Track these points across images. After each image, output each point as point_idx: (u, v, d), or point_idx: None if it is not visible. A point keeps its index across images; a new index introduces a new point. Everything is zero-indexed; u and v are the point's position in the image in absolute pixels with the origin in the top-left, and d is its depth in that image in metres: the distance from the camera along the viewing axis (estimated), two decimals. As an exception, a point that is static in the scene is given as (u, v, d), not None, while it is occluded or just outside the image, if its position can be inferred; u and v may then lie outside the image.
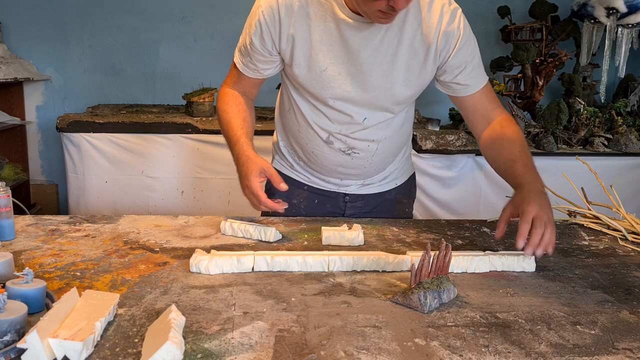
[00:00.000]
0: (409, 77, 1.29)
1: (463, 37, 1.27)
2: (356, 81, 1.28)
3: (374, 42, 1.24)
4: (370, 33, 1.23)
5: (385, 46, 1.25)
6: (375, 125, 1.36)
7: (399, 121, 1.41)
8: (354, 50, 1.25)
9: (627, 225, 1.38)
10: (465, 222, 1.45)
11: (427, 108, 3.85)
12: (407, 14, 1.24)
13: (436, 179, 3.08)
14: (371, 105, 1.32)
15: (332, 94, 1.30)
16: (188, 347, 0.77)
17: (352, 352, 0.77)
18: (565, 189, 1.55)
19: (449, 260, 0.97)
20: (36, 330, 0.69)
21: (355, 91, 1.30)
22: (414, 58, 1.27)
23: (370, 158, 1.42)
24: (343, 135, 1.37)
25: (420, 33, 1.25)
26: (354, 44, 1.24)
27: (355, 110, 1.33)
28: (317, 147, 1.42)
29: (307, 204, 1.53)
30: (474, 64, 1.32)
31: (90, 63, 3.68)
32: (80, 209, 2.99)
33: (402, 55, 1.26)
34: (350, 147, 1.39)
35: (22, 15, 3.56)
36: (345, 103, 1.32)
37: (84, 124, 2.92)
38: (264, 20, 1.27)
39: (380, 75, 1.27)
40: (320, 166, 1.47)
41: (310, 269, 1.07)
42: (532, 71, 3.41)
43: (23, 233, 1.25)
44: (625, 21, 3.04)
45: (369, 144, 1.39)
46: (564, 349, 0.81)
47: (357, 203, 1.53)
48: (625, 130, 3.19)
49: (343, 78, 1.28)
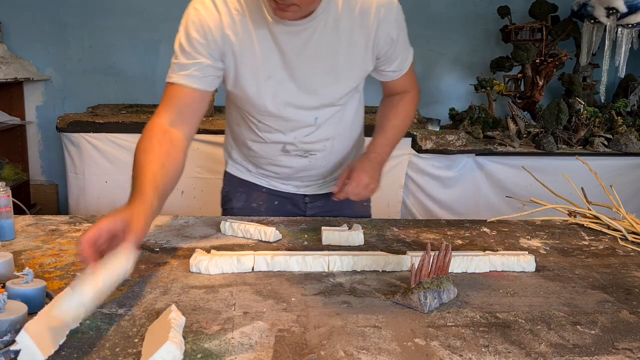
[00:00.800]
0: (351, 70, 1.28)
1: (399, 24, 1.31)
2: (301, 84, 1.26)
3: (311, 43, 1.22)
4: (307, 36, 1.21)
5: (324, 45, 1.23)
6: (326, 122, 1.35)
7: (350, 114, 1.40)
8: (293, 54, 1.22)
9: (627, 225, 1.38)
10: (465, 222, 1.45)
11: (427, 108, 3.85)
12: (343, 8, 1.22)
13: (436, 179, 3.08)
14: (319, 105, 1.31)
15: (280, 102, 1.28)
16: (188, 347, 0.77)
17: (352, 352, 0.77)
18: (565, 189, 1.55)
19: (449, 260, 0.97)
20: (24, 329, 0.69)
21: (301, 94, 1.28)
22: (354, 51, 1.26)
23: (327, 157, 1.42)
24: (298, 141, 1.36)
25: (358, 25, 1.23)
26: (292, 47, 1.22)
27: (304, 114, 1.31)
28: (273, 159, 1.41)
29: (267, 206, 1.51)
30: (404, 52, 1.37)
31: (90, 63, 3.68)
32: (80, 209, 2.99)
33: (342, 50, 1.24)
34: (307, 151, 1.39)
35: (22, 15, 3.56)
36: (295, 109, 1.30)
37: (84, 124, 2.92)
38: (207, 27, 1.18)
39: (323, 74, 1.26)
40: (279, 174, 1.47)
41: (310, 269, 1.07)
42: (532, 71, 3.41)
43: (23, 233, 1.25)
44: (625, 21, 3.05)
45: (324, 143, 1.39)
46: (564, 349, 0.81)
47: (317, 203, 1.52)
48: (625, 130, 3.19)
49: (287, 84, 1.26)
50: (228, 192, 1.56)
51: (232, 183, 1.55)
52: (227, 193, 1.56)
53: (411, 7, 3.75)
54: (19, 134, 3.63)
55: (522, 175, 2.84)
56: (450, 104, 3.75)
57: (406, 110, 1.45)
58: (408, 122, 1.47)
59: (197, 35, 1.19)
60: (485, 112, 3.37)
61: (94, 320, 0.84)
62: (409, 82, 1.45)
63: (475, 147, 3.05)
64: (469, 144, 3.06)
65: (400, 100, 1.45)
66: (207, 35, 1.19)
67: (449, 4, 3.82)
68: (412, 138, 3.00)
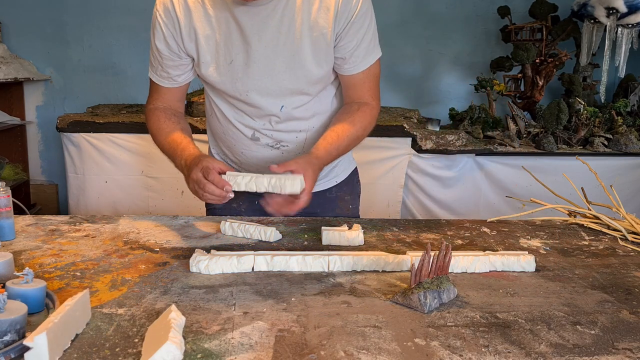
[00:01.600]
0: (317, 54, 1.25)
1: (359, 13, 1.24)
2: (264, 67, 1.25)
3: (272, 24, 1.21)
4: (266, 15, 1.20)
5: (286, 26, 1.22)
6: (296, 112, 1.33)
7: (324, 108, 1.38)
8: (254, 36, 1.22)
9: (627, 225, 1.38)
10: (465, 222, 1.45)
11: (427, 108, 3.85)
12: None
13: (436, 179, 3.08)
14: (285, 90, 1.29)
15: (244, 86, 1.28)
16: (188, 347, 0.77)
17: (352, 352, 0.77)
18: (565, 189, 1.55)
19: (449, 260, 0.97)
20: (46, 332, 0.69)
21: (265, 78, 1.27)
22: (318, 33, 1.23)
23: (301, 150, 1.39)
24: (267, 129, 1.35)
25: (322, 6, 1.22)
26: (253, 29, 1.21)
27: (270, 101, 1.30)
28: (244, 147, 1.40)
29: (247, 206, 1.50)
30: (362, 44, 1.28)
31: (90, 63, 3.68)
32: (80, 209, 2.99)
33: (306, 32, 1.22)
34: (278, 141, 1.37)
35: (22, 15, 3.56)
36: (259, 95, 1.29)
37: (84, 124, 2.92)
38: (163, 22, 1.26)
39: (287, 56, 1.25)
40: (253, 166, 1.43)
41: (310, 269, 1.07)
42: (532, 71, 3.41)
43: (23, 233, 1.25)
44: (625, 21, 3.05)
45: (297, 134, 1.37)
46: (564, 349, 0.81)
47: None
48: (625, 130, 3.19)
49: (251, 67, 1.25)
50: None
51: None
52: None
53: (411, 7, 3.79)
54: (19, 134, 3.63)
55: (522, 175, 2.84)
56: (450, 104, 3.76)
57: (363, 121, 1.33)
58: (362, 135, 1.34)
59: (159, 32, 1.27)
60: (486, 112, 3.37)
61: (94, 320, 0.84)
62: (370, 90, 1.36)
63: (475, 147, 3.05)
64: (469, 144, 3.06)
65: (358, 110, 1.34)
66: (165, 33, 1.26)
67: (449, 4, 3.82)
68: (412, 138, 3.00)
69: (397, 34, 3.73)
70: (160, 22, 1.26)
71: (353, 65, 1.31)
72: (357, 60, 1.30)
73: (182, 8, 1.24)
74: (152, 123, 1.36)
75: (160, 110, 1.37)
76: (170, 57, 1.30)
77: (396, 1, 3.74)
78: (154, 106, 1.38)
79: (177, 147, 1.28)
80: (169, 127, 1.33)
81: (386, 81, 3.76)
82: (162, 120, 1.35)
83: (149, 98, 1.41)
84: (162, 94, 1.38)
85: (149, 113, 1.38)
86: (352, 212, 1.57)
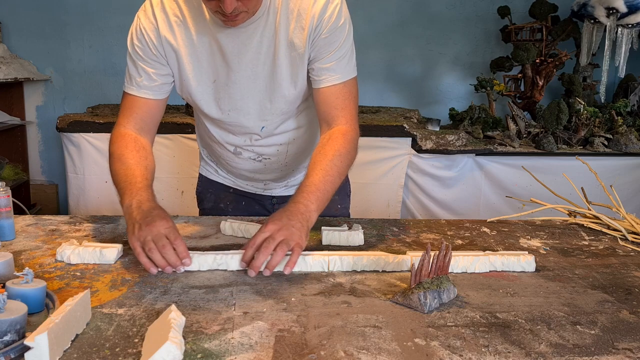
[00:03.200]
0: (294, 74, 1.25)
1: (331, 26, 1.20)
2: (245, 88, 1.26)
3: (252, 45, 1.21)
4: (247, 37, 1.20)
5: (265, 47, 1.22)
6: (276, 130, 1.34)
7: (304, 120, 1.38)
8: (234, 57, 1.22)
9: (627, 225, 1.38)
10: (465, 222, 1.45)
11: (427, 108, 3.85)
12: (281, 10, 1.20)
13: (436, 179, 3.08)
14: (265, 111, 1.29)
15: (226, 106, 1.28)
16: (188, 347, 0.77)
17: (352, 352, 0.77)
18: (565, 189, 1.55)
19: (449, 260, 0.97)
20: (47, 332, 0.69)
21: (246, 98, 1.27)
22: (294, 53, 1.22)
23: (283, 161, 1.42)
24: (249, 145, 1.37)
25: (297, 26, 1.21)
26: (233, 50, 1.21)
27: (251, 121, 1.31)
28: (229, 159, 1.43)
29: (234, 206, 1.52)
30: (336, 57, 1.22)
31: (90, 63, 3.68)
32: (80, 209, 2.99)
33: (283, 52, 1.22)
34: (260, 154, 1.40)
35: (22, 15, 3.56)
36: (240, 115, 1.29)
37: (84, 124, 2.91)
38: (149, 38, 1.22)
39: (266, 77, 1.25)
40: (238, 174, 1.49)
41: (310, 269, 1.07)
42: (532, 71, 3.41)
43: (23, 233, 1.25)
44: (625, 21, 3.05)
45: (278, 148, 1.39)
46: (564, 349, 0.81)
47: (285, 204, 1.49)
48: (625, 130, 3.19)
49: (231, 88, 1.26)
50: (200, 193, 1.59)
51: (203, 184, 1.58)
52: (200, 193, 1.59)
53: (410, 7, 3.79)
54: (19, 134, 3.63)
55: (522, 175, 2.84)
56: (450, 104, 3.76)
57: (335, 149, 1.20)
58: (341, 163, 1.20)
59: (139, 43, 1.24)
60: (486, 112, 3.37)
61: (94, 320, 0.84)
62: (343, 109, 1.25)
63: (475, 147, 3.05)
64: (469, 144, 3.06)
65: (329, 139, 1.22)
66: (148, 43, 1.23)
67: (449, 4, 3.82)
68: (412, 138, 3.00)
69: (397, 34, 3.73)
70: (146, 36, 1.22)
71: (324, 77, 1.24)
72: (329, 73, 1.24)
73: (167, 27, 1.22)
74: (116, 147, 1.24)
75: (131, 138, 1.25)
76: (152, 60, 1.24)
77: (396, 1, 3.74)
78: (124, 130, 1.26)
79: (134, 185, 1.13)
80: (134, 159, 1.21)
81: (386, 81, 3.76)
82: (129, 149, 1.22)
83: (120, 119, 1.28)
84: (137, 108, 1.26)
85: (117, 136, 1.25)
86: (341, 211, 1.57)
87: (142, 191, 1.12)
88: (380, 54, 3.71)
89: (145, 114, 1.28)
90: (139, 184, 1.13)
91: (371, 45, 3.65)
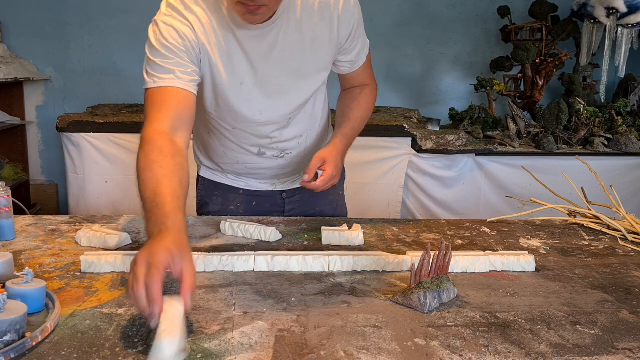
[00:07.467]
0: (319, 63, 1.29)
1: (357, 16, 1.29)
2: (271, 89, 1.27)
3: (277, 43, 1.22)
4: (272, 38, 1.21)
5: (290, 45, 1.23)
6: (297, 119, 1.36)
7: (319, 109, 1.42)
8: (261, 59, 1.22)
9: (627, 225, 1.38)
10: (465, 222, 1.45)
11: (427, 108, 3.85)
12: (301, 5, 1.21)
13: (436, 179, 3.08)
14: (293, 105, 1.32)
15: (256, 106, 1.28)
16: (188, 347, 0.77)
17: (352, 352, 0.77)
18: (565, 189, 1.55)
19: (449, 260, 0.97)
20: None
21: (275, 96, 1.28)
22: (318, 47, 1.26)
23: (302, 153, 1.43)
24: (274, 143, 1.37)
25: (319, 20, 1.23)
26: (259, 52, 1.22)
27: (278, 116, 1.32)
28: (250, 162, 1.42)
29: (245, 207, 1.50)
30: (361, 44, 1.35)
31: (90, 63, 3.68)
32: (80, 209, 2.99)
33: (307, 47, 1.25)
34: (283, 150, 1.40)
35: (22, 15, 3.56)
36: (268, 113, 1.30)
37: (84, 124, 2.91)
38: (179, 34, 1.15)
39: (293, 71, 1.27)
40: (255, 175, 1.47)
41: (310, 269, 1.07)
42: (532, 71, 3.41)
43: (23, 233, 1.25)
44: (625, 21, 3.04)
45: (298, 140, 1.40)
46: (564, 349, 0.81)
47: (294, 198, 1.52)
48: (625, 130, 3.19)
49: (260, 88, 1.26)
50: (203, 197, 1.53)
51: (207, 187, 1.52)
52: (203, 197, 1.53)
53: (411, 7, 3.79)
54: (19, 134, 3.63)
55: (522, 175, 2.84)
56: (450, 104, 3.75)
57: (367, 102, 1.44)
58: (369, 115, 1.46)
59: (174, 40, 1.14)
60: (486, 112, 3.37)
61: (94, 320, 0.84)
62: (367, 75, 1.45)
63: (475, 147, 3.05)
64: (469, 144, 3.06)
65: (361, 93, 1.44)
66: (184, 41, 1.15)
67: (449, 4, 3.82)
68: (412, 138, 3.00)
69: (397, 34, 3.73)
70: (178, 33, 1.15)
71: (356, 64, 1.38)
72: (359, 59, 1.38)
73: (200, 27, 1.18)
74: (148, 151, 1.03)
75: (166, 139, 1.06)
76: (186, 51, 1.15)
77: (396, 1, 3.74)
78: (159, 127, 1.08)
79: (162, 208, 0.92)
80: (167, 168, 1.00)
81: (386, 81, 3.75)
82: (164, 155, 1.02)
83: (151, 116, 1.10)
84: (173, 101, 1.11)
85: (149, 137, 1.06)
86: (341, 198, 1.59)
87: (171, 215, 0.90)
88: (381, 54, 3.70)
89: (182, 108, 1.12)
90: (167, 206, 0.91)
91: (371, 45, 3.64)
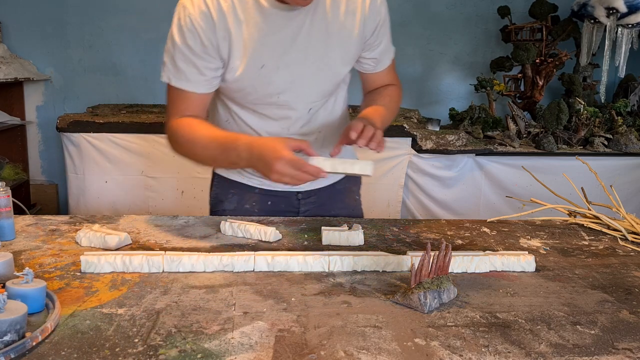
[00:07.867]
0: (345, 54, 1.30)
1: (384, 16, 1.31)
2: (296, 71, 1.26)
3: (303, 28, 1.22)
4: (299, 20, 1.21)
5: (316, 29, 1.24)
6: (318, 113, 1.36)
7: (339, 106, 1.42)
8: (286, 41, 1.23)
9: (627, 225, 1.38)
10: (465, 222, 1.45)
11: (427, 108, 3.85)
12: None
13: (436, 179, 3.08)
14: (313, 94, 1.32)
15: (276, 89, 1.28)
16: (188, 347, 0.77)
17: (352, 352, 0.77)
18: (565, 189, 1.55)
19: (449, 260, 0.97)
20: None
21: (297, 81, 1.28)
22: (346, 34, 1.27)
23: (318, 150, 1.40)
24: (292, 134, 1.36)
25: (348, 9, 1.25)
26: (284, 33, 1.22)
27: (300, 103, 1.32)
28: None
29: (260, 207, 1.49)
30: (386, 43, 1.37)
31: (91, 63, 3.68)
32: (80, 209, 2.99)
33: (334, 33, 1.25)
34: None
35: (22, 15, 3.56)
36: (290, 97, 1.30)
37: (84, 124, 2.92)
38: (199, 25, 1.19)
39: (317, 59, 1.26)
40: None
41: (310, 269, 1.07)
42: (532, 71, 3.41)
43: (23, 233, 1.25)
44: (625, 21, 3.05)
45: (316, 135, 1.39)
46: (564, 349, 0.81)
47: (310, 199, 1.51)
48: (625, 130, 3.19)
49: (282, 71, 1.26)
50: (218, 194, 1.53)
51: (222, 185, 1.52)
52: (218, 195, 1.53)
53: (411, 7, 3.79)
54: (19, 134, 3.63)
55: (522, 175, 2.84)
56: (450, 104, 3.76)
57: (393, 96, 1.43)
58: (396, 109, 1.44)
59: (190, 34, 1.20)
60: (486, 112, 3.37)
61: (94, 320, 0.84)
62: (392, 77, 1.46)
63: (475, 147, 3.05)
64: (469, 144, 3.06)
65: (386, 89, 1.45)
66: (200, 33, 1.19)
67: (449, 4, 3.82)
68: (412, 138, 3.00)
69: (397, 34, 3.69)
70: (197, 25, 1.19)
71: (380, 64, 1.40)
72: (383, 59, 1.40)
73: (217, 12, 1.20)
74: (182, 132, 1.25)
75: (191, 118, 1.27)
76: (206, 57, 1.23)
77: (396, 1, 3.74)
78: (180, 117, 1.27)
79: (227, 141, 1.19)
80: (206, 130, 1.24)
81: (386, 81, 3.75)
82: (194, 127, 1.25)
83: (172, 111, 1.28)
84: (192, 102, 1.27)
85: (175, 125, 1.27)
86: (357, 203, 1.59)
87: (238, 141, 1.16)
88: (380, 54, 3.71)
89: (197, 108, 1.29)
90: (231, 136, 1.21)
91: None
